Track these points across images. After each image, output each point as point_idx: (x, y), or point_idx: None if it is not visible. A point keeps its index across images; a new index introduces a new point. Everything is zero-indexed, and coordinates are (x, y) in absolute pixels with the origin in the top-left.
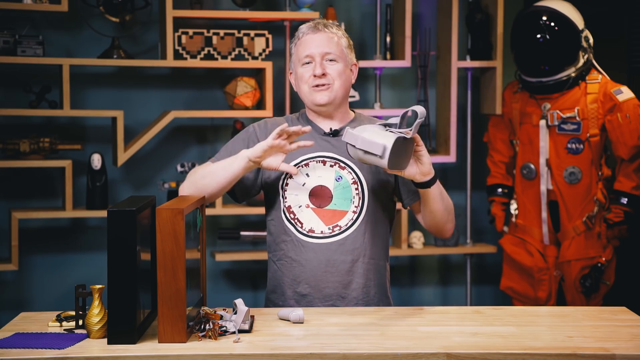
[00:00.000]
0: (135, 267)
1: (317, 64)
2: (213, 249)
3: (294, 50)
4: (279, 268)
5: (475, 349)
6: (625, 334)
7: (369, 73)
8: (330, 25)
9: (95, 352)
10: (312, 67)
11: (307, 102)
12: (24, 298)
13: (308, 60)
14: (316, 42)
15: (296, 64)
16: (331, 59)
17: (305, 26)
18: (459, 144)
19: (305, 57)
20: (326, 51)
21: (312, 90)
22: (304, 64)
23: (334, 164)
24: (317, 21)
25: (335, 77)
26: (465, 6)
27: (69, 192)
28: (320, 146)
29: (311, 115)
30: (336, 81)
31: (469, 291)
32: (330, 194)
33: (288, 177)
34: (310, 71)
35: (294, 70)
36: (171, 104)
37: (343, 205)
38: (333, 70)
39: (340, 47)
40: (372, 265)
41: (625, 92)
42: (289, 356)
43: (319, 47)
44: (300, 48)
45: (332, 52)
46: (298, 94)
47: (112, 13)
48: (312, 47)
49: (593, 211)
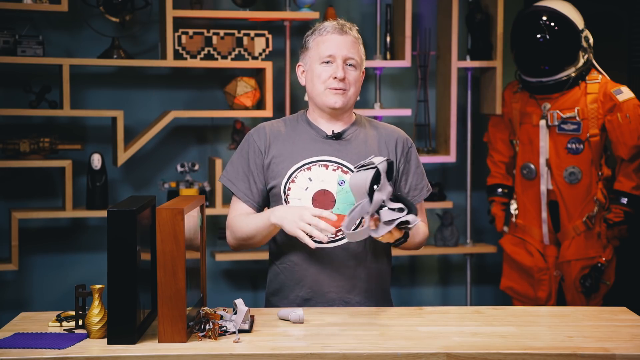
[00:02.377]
0: (135, 267)
1: (339, 66)
2: (213, 249)
3: (312, 44)
4: (282, 271)
5: (475, 349)
6: (625, 334)
7: (369, 73)
8: (354, 29)
9: (95, 352)
10: (332, 68)
11: (318, 102)
12: (24, 298)
13: (329, 60)
14: (341, 44)
15: (313, 59)
16: (351, 64)
17: (330, 24)
18: (459, 144)
19: (328, 56)
20: (350, 56)
21: (328, 92)
22: (324, 63)
23: (336, 168)
24: (342, 22)
25: (352, 84)
26: (465, 6)
27: (69, 192)
28: (323, 150)
29: (312, 117)
30: (352, 88)
31: (469, 291)
32: (333, 198)
33: (290, 182)
34: (330, 71)
35: (309, 65)
36: (171, 104)
37: (346, 210)
38: (352, 76)
39: (360, 54)
40: (374, 269)
41: (625, 92)
42: (289, 356)
43: (343, 50)
44: (322, 45)
45: (354, 58)
46: (306, 88)
47: (112, 13)
48: (336, 48)
49: (593, 211)
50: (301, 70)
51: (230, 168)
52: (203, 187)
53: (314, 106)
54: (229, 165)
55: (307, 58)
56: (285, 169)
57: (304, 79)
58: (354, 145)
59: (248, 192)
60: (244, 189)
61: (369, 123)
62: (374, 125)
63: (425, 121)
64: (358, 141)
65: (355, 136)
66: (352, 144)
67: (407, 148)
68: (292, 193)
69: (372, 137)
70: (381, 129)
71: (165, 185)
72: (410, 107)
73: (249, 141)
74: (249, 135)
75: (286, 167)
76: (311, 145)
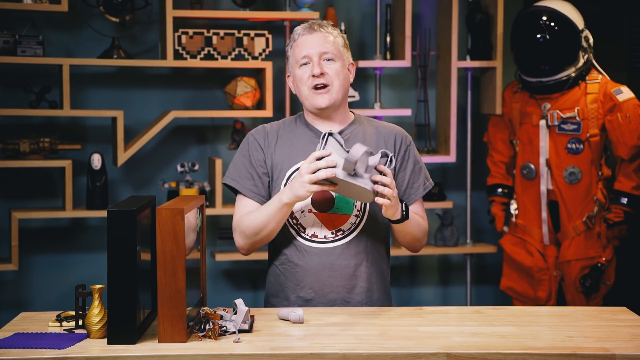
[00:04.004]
0: (135, 267)
1: (315, 63)
2: (213, 249)
3: (291, 52)
4: (282, 272)
5: (475, 349)
6: (625, 334)
7: (369, 73)
8: (325, 25)
9: (95, 352)
10: (310, 67)
11: (307, 105)
12: (24, 298)
13: (305, 61)
14: (313, 42)
15: (294, 66)
16: (329, 59)
17: (300, 27)
18: (459, 144)
19: (303, 57)
20: (323, 50)
21: (312, 93)
22: (302, 65)
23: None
24: (311, 22)
25: (333, 77)
26: (465, 6)
27: (69, 192)
28: None
29: (309, 118)
30: (335, 81)
31: (469, 291)
32: (332, 198)
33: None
34: (308, 72)
35: (292, 72)
36: (171, 104)
37: (345, 210)
38: (331, 69)
39: (336, 46)
40: (375, 268)
41: (625, 92)
42: (289, 356)
43: (316, 47)
44: (297, 49)
45: (329, 51)
46: (297, 96)
47: (112, 13)
48: (308, 48)
49: (593, 211)
50: (290, 80)
51: (233, 168)
52: (203, 187)
53: (308, 110)
54: (231, 166)
55: (289, 66)
56: (284, 171)
57: (293, 86)
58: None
59: (253, 187)
60: (249, 185)
61: (367, 122)
62: (372, 124)
63: (425, 121)
64: (357, 140)
65: (354, 136)
66: (351, 143)
67: (406, 146)
68: None
69: (370, 136)
70: (380, 127)
71: (165, 185)
72: (410, 107)
73: (248, 140)
74: (249, 134)
75: (285, 169)
76: (309, 146)
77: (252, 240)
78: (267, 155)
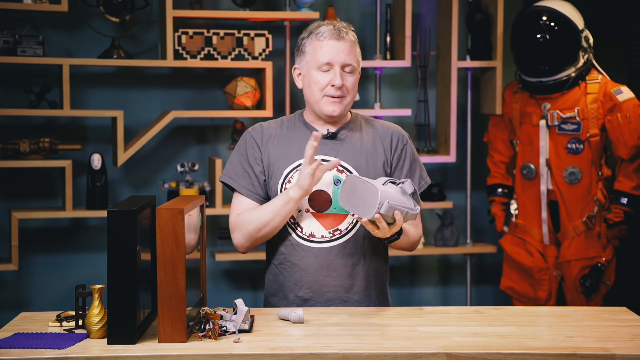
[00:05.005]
0: (135, 267)
1: (337, 73)
2: (213, 249)
3: (309, 49)
4: (280, 272)
5: (475, 349)
6: (625, 334)
7: (369, 73)
8: (349, 31)
9: (95, 352)
10: (330, 75)
11: (316, 109)
12: (24, 298)
13: (327, 68)
14: (339, 51)
15: (310, 64)
16: (349, 71)
17: (327, 29)
18: (459, 144)
19: (326, 64)
20: (347, 62)
21: (325, 100)
22: (322, 70)
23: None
24: (338, 27)
25: (350, 89)
26: (465, 6)
27: (69, 192)
28: (318, 149)
29: (309, 118)
30: (350, 94)
31: (469, 291)
32: (329, 197)
33: (287, 182)
34: (327, 79)
35: (306, 71)
36: (171, 104)
37: (342, 210)
38: (349, 82)
39: (357, 58)
40: (372, 268)
41: (625, 92)
42: (289, 356)
43: (341, 56)
44: (320, 52)
45: (352, 63)
46: (303, 92)
47: (112, 13)
48: (333, 55)
49: (593, 211)
50: (297, 73)
51: (230, 166)
52: (203, 187)
53: (311, 110)
54: (228, 165)
55: (303, 62)
56: (281, 169)
57: (300, 82)
58: (349, 145)
59: (250, 186)
60: (245, 184)
61: (364, 121)
62: (370, 123)
63: (425, 121)
64: (353, 140)
65: (351, 135)
66: (348, 143)
67: (403, 144)
68: None
69: (367, 135)
70: (377, 125)
71: (165, 185)
72: (410, 107)
73: (245, 138)
74: (246, 133)
75: (282, 167)
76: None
77: (253, 238)
78: (264, 153)
